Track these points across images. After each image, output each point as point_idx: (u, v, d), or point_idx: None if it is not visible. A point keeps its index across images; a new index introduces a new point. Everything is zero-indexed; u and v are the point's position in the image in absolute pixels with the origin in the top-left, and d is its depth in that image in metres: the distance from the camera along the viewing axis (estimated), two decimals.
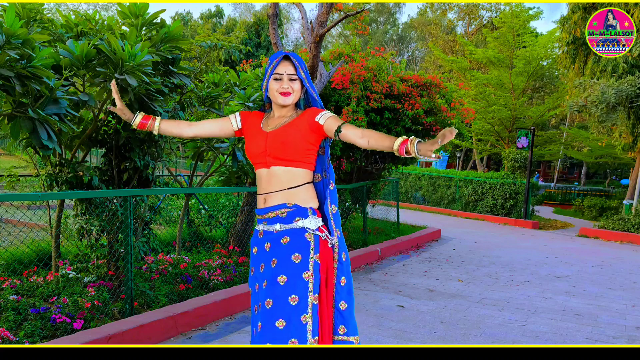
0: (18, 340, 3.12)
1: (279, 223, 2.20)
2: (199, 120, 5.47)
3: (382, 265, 6.88)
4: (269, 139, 2.20)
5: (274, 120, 2.27)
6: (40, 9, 4.11)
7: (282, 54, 2.24)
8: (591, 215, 16.98)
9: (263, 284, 2.17)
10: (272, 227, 2.21)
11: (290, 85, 2.20)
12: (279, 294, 2.10)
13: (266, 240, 2.23)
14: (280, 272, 2.13)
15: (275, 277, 2.13)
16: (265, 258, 2.21)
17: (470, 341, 3.93)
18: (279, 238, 2.19)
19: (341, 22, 6.65)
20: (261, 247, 2.25)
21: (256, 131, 2.27)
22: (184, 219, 5.78)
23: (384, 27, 44.69)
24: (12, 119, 3.13)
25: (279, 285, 2.11)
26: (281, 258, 2.15)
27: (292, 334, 2.06)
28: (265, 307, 2.11)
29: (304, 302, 2.09)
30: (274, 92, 2.21)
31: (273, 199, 2.20)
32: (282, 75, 2.20)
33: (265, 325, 2.09)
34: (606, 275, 7.05)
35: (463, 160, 32.73)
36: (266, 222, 2.24)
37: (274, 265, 2.15)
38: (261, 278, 2.20)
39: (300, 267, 2.12)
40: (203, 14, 36.38)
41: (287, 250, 2.15)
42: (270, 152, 2.18)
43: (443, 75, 12.22)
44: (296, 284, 2.10)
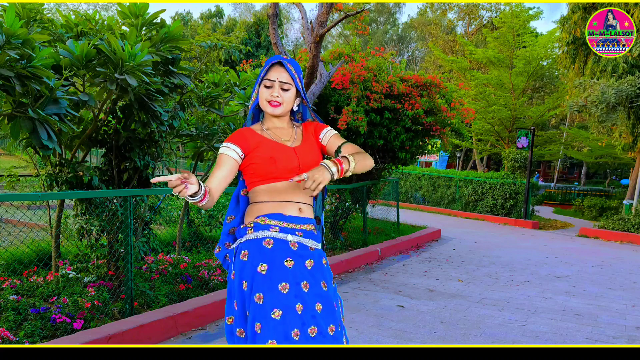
0: (18, 340, 3.12)
1: (311, 240, 2.03)
2: (199, 119, 5.48)
3: (382, 265, 6.88)
4: (299, 155, 2.02)
5: (279, 131, 2.08)
6: (40, 9, 4.12)
7: (276, 58, 2.06)
8: (591, 215, 16.97)
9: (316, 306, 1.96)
10: (308, 241, 2.01)
11: (281, 95, 2.01)
12: (337, 319, 2.01)
13: (307, 256, 1.98)
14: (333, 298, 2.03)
15: (331, 301, 2.00)
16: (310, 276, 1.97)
17: (470, 341, 3.93)
18: (319, 258, 2.03)
19: (341, 22, 6.65)
20: (300, 262, 1.96)
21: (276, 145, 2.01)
22: (184, 219, 5.78)
23: (384, 27, 44.69)
24: (12, 119, 3.13)
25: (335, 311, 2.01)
26: (329, 281, 2.04)
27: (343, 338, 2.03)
28: (328, 333, 1.97)
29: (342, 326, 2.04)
30: (264, 101, 2.03)
31: (308, 211, 2.05)
32: (273, 82, 2.01)
33: (320, 331, 1.96)
34: (606, 275, 7.05)
35: (463, 160, 32.73)
36: (302, 234, 2.00)
37: (325, 289, 2.00)
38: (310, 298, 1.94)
39: (335, 293, 2.07)
40: (203, 14, 36.39)
41: (330, 275, 2.07)
42: (303, 168, 1.99)
43: (443, 75, 12.22)
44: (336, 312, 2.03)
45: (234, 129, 5.20)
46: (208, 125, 5.27)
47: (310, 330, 1.90)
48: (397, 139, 7.41)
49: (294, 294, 1.91)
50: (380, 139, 7.36)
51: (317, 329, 1.92)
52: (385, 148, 7.73)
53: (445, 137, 8.07)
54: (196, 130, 5.06)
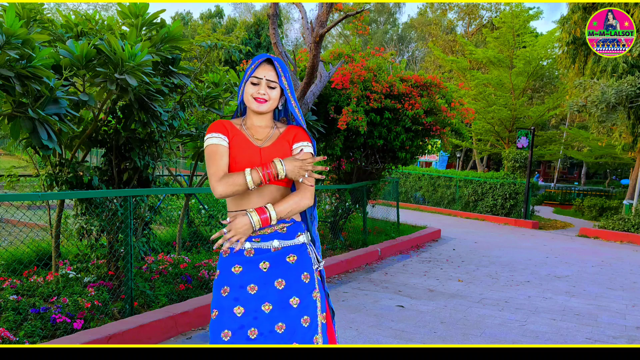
0: (18, 340, 3.12)
1: (277, 239, 2.04)
2: (199, 119, 5.48)
3: (382, 265, 6.88)
4: (263, 156, 2.02)
5: (256, 129, 2.09)
6: (40, 9, 4.12)
7: (264, 56, 2.05)
8: (591, 215, 16.98)
9: (263, 307, 1.98)
10: (268, 244, 2.03)
11: (267, 92, 2.02)
12: (293, 317, 1.98)
13: (262, 259, 2.02)
14: (292, 294, 2.00)
15: (286, 299, 1.99)
16: (262, 278, 2.00)
17: (470, 341, 3.93)
18: (282, 256, 2.03)
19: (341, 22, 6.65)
20: (251, 267, 2.01)
21: (244, 143, 2.05)
22: (184, 219, 5.78)
23: (384, 27, 44.70)
24: (12, 119, 3.13)
25: (292, 308, 1.98)
26: (291, 279, 2.01)
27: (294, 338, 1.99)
28: (276, 333, 1.96)
29: (314, 323, 2.00)
30: (249, 97, 2.03)
31: None
32: (260, 79, 2.02)
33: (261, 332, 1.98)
34: (606, 275, 7.05)
35: (463, 160, 32.74)
36: (259, 239, 2.03)
37: (281, 287, 2.00)
38: (254, 301, 1.98)
39: (310, 287, 2.03)
40: (203, 14, 36.39)
41: (297, 270, 2.02)
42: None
43: (443, 75, 12.21)
44: (308, 304, 2.00)
45: None
46: (208, 125, 5.27)
47: (250, 332, 1.96)
48: (397, 139, 7.41)
49: (235, 297, 1.98)
50: (380, 139, 7.36)
51: (257, 330, 1.96)
52: (385, 148, 7.73)
53: (445, 137, 8.07)
54: (196, 130, 5.06)
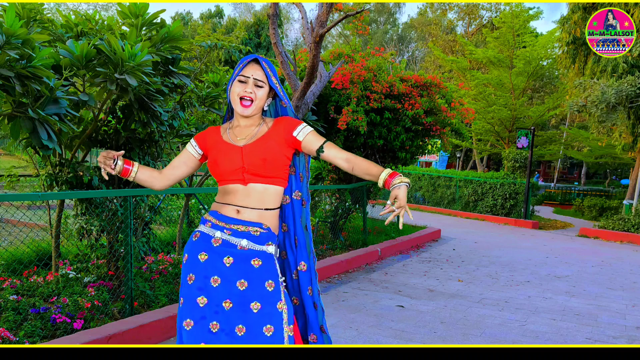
0: (18, 340, 3.12)
1: (247, 240, 2.01)
2: (199, 119, 5.48)
3: (382, 265, 6.88)
4: (245, 154, 2.01)
5: (241, 130, 2.08)
6: (40, 9, 4.12)
7: (252, 57, 2.05)
8: (591, 215, 16.97)
9: (223, 303, 1.97)
10: (238, 240, 2.01)
11: (254, 91, 2.01)
12: (253, 323, 1.94)
13: (227, 253, 2.00)
14: (253, 298, 1.96)
15: (247, 302, 1.96)
16: (225, 273, 1.98)
17: (470, 341, 3.93)
18: (248, 257, 1.99)
19: (341, 22, 6.65)
20: (216, 257, 2.00)
21: (224, 146, 2.05)
22: (184, 219, 5.78)
23: (384, 27, 44.69)
24: (12, 119, 3.13)
25: (252, 313, 1.95)
26: (254, 282, 1.97)
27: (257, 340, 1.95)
28: (236, 334, 1.94)
29: (279, 334, 1.95)
30: (235, 97, 2.02)
31: (249, 215, 2.02)
32: (247, 78, 2.01)
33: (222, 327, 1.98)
34: (606, 275, 7.05)
35: (463, 160, 32.74)
36: (230, 233, 2.02)
37: (243, 288, 1.96)
38: (217, 294, 1.97)
39: (275, 296, 1.97)
40: (203, 14, 36.40)
41: (261, 275, 1.98)
42: (248, 168, 2.01)
43: (443, 75, 12.21)
44: (272, 313, 1.95)
45: None
46: (208, 125, 5.27)
47: (212, 326, 1.96)
48: (397, 139, 7.41)
49: (198, 286, 1.99)
50: (380, 139, 7.36)
51: (219, 325, 1.96)
52: (385, 148, 7.73)
53: (445, 137, 8.07)
54: (196, 130, 5.06)
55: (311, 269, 2.18)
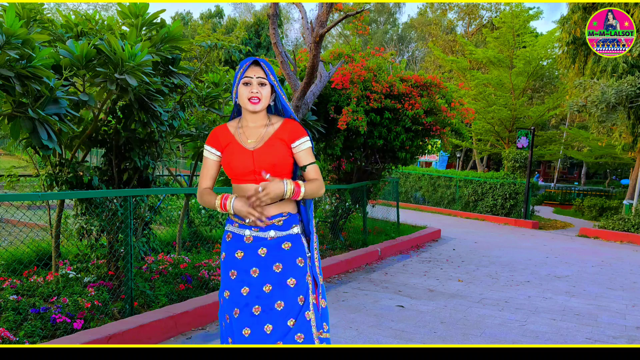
0: (18, 340, 3.12)
1: (274, 230, 2.24)
2: (199, 119, 5.48)
3: (382, 265, 6.88)
4: (255, 158, 2.20)
5: (250, 130, 2.27)
6: (40, 9, 4.12)
7: (251, 59, 2.22)
8: (591, 215, 16.97)
9: (264, 288, 2.20)
10: (265, 233, 2.23)
11: (260, 90, 2.20)
12: (290, 296, 2.20)
13: (260, 246, 2.23)
14: (289, 276, 2.21)
15: (284, 280, 2.21)
16: (262, 262, 2.23)
17: (470, 341, 3.93)
18: (279, 243, 2.24)
19: (341, 22, 6.64)
20: (251, 252, 2.24)
21: (237, 148, 2.24)
22: (184, 219, 5.78)
23: (384, 27, 44.69)
24: (12, 119, 3.13)
25: (290, 288, 2.20)
26: (287, 263, 2.23)
27: (300, 330, 2.18)
28: (276, 310, 2.18)
29: (307, 301, 2.22)
30: (244, 98, 2.20)
31: (268, 210, 2.21)
32: (251, 78, 2.19)
33: (277, 327, 2.17)
34: (606, 275, 7.05)
35: (463, 160, 32.74)
36: (258, 230, 2.24)
37: (279, 270, 2.21)
38: (257, 283, 2.21)
39: (304, 270, 2.24)
40: (203, 14, 36.39)
41: (292, 255, 2.24)
42: (259, 171, 2.19)
43: (443, 75, 12.21)
44: (302, 285, 2.22)
45: None
46: (208, 125, 5.27)
47: (255, 309, 2.19)
48: (397, 139, 7.41)
49: (241, 278, 2.23)
50: (380, 139, 7.36)
51: (260, 307, 2.19)
52: (385, 148, 7.73)
53: (445, 137, 8.07)
54: (196, 130, 5.06)
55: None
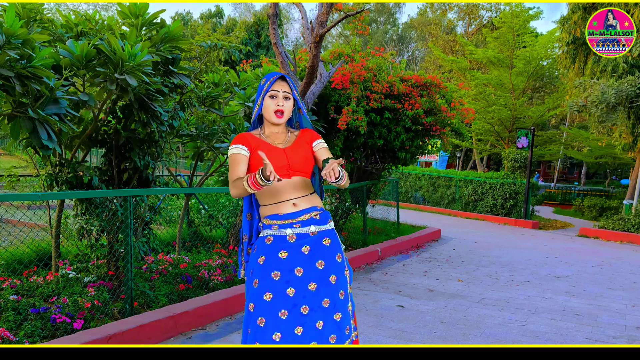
0: (18, 340, 3.12)
1: (314, 225, 2.33)
2: (199, 119, 5.48)
3: (382, 265, 6.88)
4: (288, 154, 2.35)
5: (276, 136, 2.42)
6: (40, 9, 4.12)
7: (278, 74, 2.39)
8: (591, 215, 16.97)
9: (309, 287, 2.26)
10: (307, 229, 2.32)
11: (284, 103, 2.36)
12: (333, 292, 2.29)
13: (303, 244, 2.30)
14: (331, 272, 2.30)
15: (327, 277, 2.29)
16: (306, 261, 2.28)
17: (470, 341, 3.93)
18: (319, 240, 2.32)
19: (341, 22, 6.65)
20: (295, 251, 2.28)
21: (269, 148, 2.36)
22: (184, 219, 5.78)
23: (384, 27, 44.69)
24: (12, 119, 3.13)
25: (332, 285, 2.29)
26: (328, 259, 2.31)
27: (345, 323, 2.30)
28: (323, 306, 2.26)
29: (346, 295, 2.35)
30: (270, 110, 2.35)
31: (304, 203, 2.34)
32: (277, 92, 2.35)
33: (327, 323, 2.25)
34: (606, 275, 7.05)
35: (463, 160, 32.73)
36: (299, 225, 2.31)
37: (322, 267, 2.29)
38: (302, 282, 2.25)
39: (342, 266, 2.36)
40: (203, 14, 36.39)
41: (332, 252, 2.33)
42: (293, 165, 2.33)
43: (443, 75, 12.21)
44: (342, 281, 2.34)
45: (234, 129, 5.20)
46: (208, 125, 5.27)
47: (303, 309, 2.23)
48: (397, 139, 7.41)
49: (285, 280, 2.25)
50: (380, 139, 7.35)
51: (308, 307, 2.24)
52: (385, 148, 7.73)
53: (445, 137, 8.07)
54: (196, 130, 5.06)
55: None
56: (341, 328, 2.27)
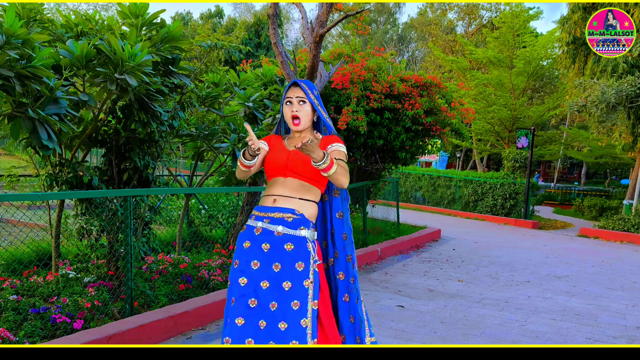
0: (18, 340, 3.12)
1: (282, 226, 2.32)
2: (199, 119, 5.48)
3: (382, 265, 6.88)
4: (290, 156, 2.40)
5: (295, 140, 2.47)
6: (40, 9, 4.11)
7: (293, 81, 2.46)
8: (591, 215, 16.97)
9: (261, 284, 2.28)
10: (274, 227, 2.32)
11: (299, 108, 2.41)
12: (283, 299, 2.25)
13: (265, 240, 2.32)
14: (285, 278, 2.27)
15: (280, 281, 2.27)
16: (263, 258, 2.31)
17: (470, 341, 3.93)
18: (282, 242, 2.31)
19: (341, 22, 6.65)
20: (256, 244, 2.33)
21: (279, 149, 2.45)
22: (184, 219, 5.78)
23: (384, 27, 44.68)
24: (12, 119, 3.13)
25: (284, 291, 2.26)
26: (286, 264, 2.29)
27: (294, 336, 2.20)
28: (270, 309, 2.25)
29: (304, 308, 2.24)
30: (287, 117, 2.43)
31: (284, 202, 2.35)
32: (292, 98, 2.42)
33: (270, 325, 2.24)
34: (606, 275, 7.05)
35: (463, 160, 32.73)
36: (269, 221, 2.34)
37: (277, 270, 2.28)
38: (256, 276, 2.29)
39: (303, 275, 2.28)
40: (203, 14, 36.38)
41: (292, 258, 2.29)
42: (290, 166, 2.37)
43: (443, 75, 12.21)
44: (299, 290, 2.26)
45: (234, 129, 5.21)
46: (208, 125, 5.27)
47: (251, 302, 2.27)
48: (397, 139, 7.41)
49: (241, 269, 2.33)
50: (380, 139, 7.35)
51: (257, 301, 2.27)
52: (385, 148, 7.73)
53: (445, 137, 8.07)
54: (196, 130, 5.06)
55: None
56: (283, 339, 2.19)
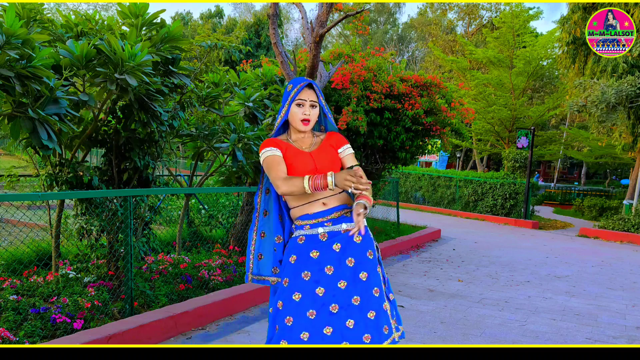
0: (18, 340, 3.12)
1: (345, 222, 2.34)
2: (199, 119, 5.48)
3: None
4: (315, 157, 2.38)
5: (302, 140, 2.44)
6: (40, 9, 4.12)
7: (306, 81, 2.39)
8: (591, 215, 16.97)
9: (339, 285, 2.26)
10: (339, 227, 2.33)
11: (311, 112, 2.37)
12: (364, 290, 2.27)
13: (335, 241, 2.31)
14: (361, 269, 2.29)
15: (357, 274, 2.29)
16: (336, 259, 2.29)
17: (470, 341, 3.93)
18: (351, 237, 2.32)
19: (341, 22, 6.65)
20: (327, 250, 2.30)
21: (297, 152, 2.40)
22: (184, 219, 5.78)
23: (384, 27, 44.69)
24: (12, 119, 3.13)
25: (362, 282, 2.28)
26: (359, 256, 2.30)
27: (382, 322, 2.27)
28: (353, 304, 2.24)
29: (382, 293, 2.31)
30: (296, 119, 2.37)
31: (334, 202, 2.34)
32: (304, 101, 2.36)
33: (358, 322, 2.23)
34: (606, 275, 7.05)
35: (463, 160, 32.74)
36: (331, 224, 2.33)
37: (351, 265, 2.29)
38: (332, 281, 2.26)
39: (374, 262, 2.34)
40: (203, 14, 36.39)
41: (363, 248, 2.32)
42: (320, 168, 2.35)
43: (443, 75, 12.21)
44: (374, 278, 2.30)
45: (234, 129, 5.20)
46: (208, 125, 5.27)
47: (332, 308, 2.23)
48: (397, 139, 7.41)
49: (315, 279, 2.26)
50: (380, 139, 7.35)
51: (338, 305, 2.23)
52: (385, 148, 7.73)
53: (445, 137, 8.07)
54: (196, 130, 5.06)
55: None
56: (377, 327, 2.24)
